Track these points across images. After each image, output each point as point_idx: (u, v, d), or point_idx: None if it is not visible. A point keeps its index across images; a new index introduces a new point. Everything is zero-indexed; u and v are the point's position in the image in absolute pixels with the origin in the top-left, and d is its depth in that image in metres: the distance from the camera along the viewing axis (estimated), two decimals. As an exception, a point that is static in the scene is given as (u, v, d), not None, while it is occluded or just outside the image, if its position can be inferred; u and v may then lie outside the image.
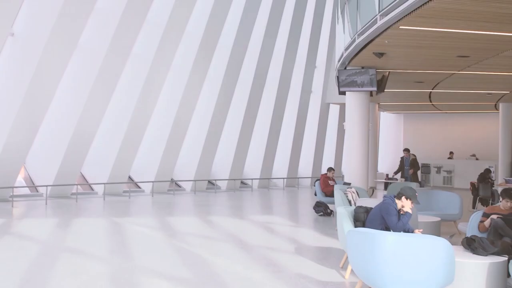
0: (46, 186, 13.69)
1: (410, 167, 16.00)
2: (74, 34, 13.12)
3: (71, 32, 12.98)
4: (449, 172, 22.16)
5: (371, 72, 11.81)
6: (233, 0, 17.14)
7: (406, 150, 16.30)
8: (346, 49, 11.38)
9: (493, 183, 14.29)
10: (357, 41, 9.91)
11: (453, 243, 5.30)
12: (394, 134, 26.90)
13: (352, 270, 6.15)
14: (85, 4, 13.02)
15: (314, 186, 13.87)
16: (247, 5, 17.63)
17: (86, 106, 13.86)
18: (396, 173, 16.26)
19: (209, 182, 18.81)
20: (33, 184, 14.60)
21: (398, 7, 7.33)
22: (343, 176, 19.73)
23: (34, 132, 13.36)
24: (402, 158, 16.26)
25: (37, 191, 14.52)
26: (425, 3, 6.69)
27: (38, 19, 12.89)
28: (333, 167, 14.91)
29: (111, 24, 13.81)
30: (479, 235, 6.24)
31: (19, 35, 12.93)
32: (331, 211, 12.23)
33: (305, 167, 22.30)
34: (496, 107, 19.84)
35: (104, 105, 14.51)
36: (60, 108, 14.13)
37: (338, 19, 14.21)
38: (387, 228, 6.00)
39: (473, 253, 5.55)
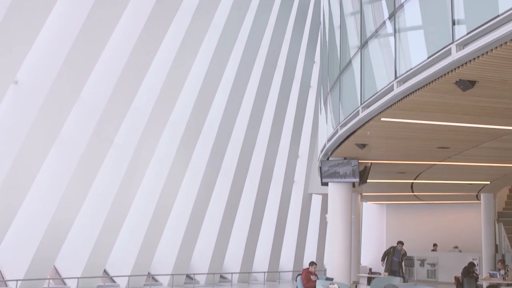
0: (16, 280, 13.05)
1: (400, 261, 15.74)
2: (55, 127, 13.09)
3: (51, 124, 12.94)
4: (433, 265, 21.78)
5: (354, 163, 11.80)
6: (218, 88, 17.40)
7: (400, 243, 16.06)
8: (329, 139, 11.42)
9: (477, 278, 13.99)
10: (340, 132, 9.95)
11: None
12: (377, 225, 26.62)
13: None
14: (68, 98, 13.08)
15: (296, 281, 13.41)
16: (231, 94, 17.90)
17: (65, 194, 13.53)
18: (383, 259, 15.92)
19: (188, 276, 18.17)
20: (3, 278, 13.92)
21: (380, 99, 7.40)
22: (325, 270, 19.23)
23: (9, 220, 12.91)
24: (393, 248, 15.95)
25: (6, 286, 13.81)
26: (406, 96, 6.76)
27: (18, 116, 12.86)
28: (315, 261, 14.53)
29: (95, 112, 13.80)
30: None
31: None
32: (314, 307, 11.73)
33: (287, 260, 21.78)
34: (477, 197, 19.86)
35: (84, 194, 14.20)
36: (38, 196, 13.77)
37: (321, 109, 14.40)
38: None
39: None
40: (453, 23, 5.59)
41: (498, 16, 4.75)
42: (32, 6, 11.74)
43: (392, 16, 7.42)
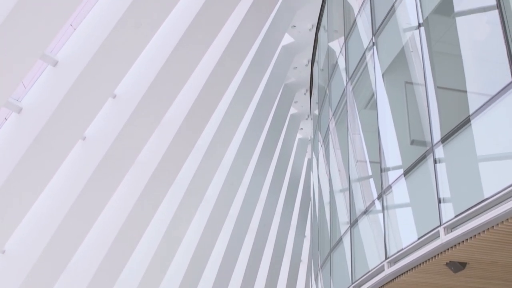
0: None
1: None
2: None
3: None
4: None
5: None
6: (208, 260, 17.19)
7: None
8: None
9: None
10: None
11: None
12: None
13: None
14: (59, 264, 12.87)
15: None
16: (221, 267, 17.67)
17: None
18: None
19: None
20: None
21: (371, 279, 7.30)
22: None
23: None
24: None
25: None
26: (397, 276, 6.69)
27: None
28: None
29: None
30: None
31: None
32: None
33: None
34: None
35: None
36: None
37: (311, 286, 14.09)
38: None
39: None
40: (440, 201, 5.74)
41: (484, 200, 4.89)
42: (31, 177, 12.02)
43: (380, 196, 7.62)
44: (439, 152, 5.93)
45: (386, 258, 6.83)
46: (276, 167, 20.45)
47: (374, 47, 8.44)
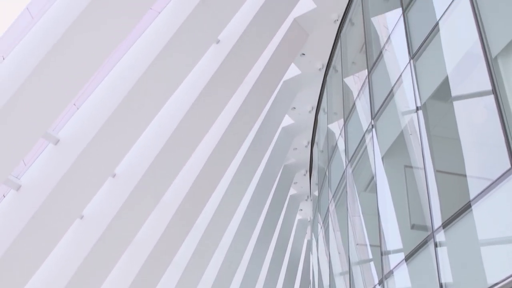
0: None
1: None
2: None
3: None
4: None
5: None
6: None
7: None
8: None
9: None
10: None
11: None
12: None
13: None
14: None
15: None
16: None
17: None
18: None
19: None
20: None
21: None
22: None
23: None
24: None
25: None
26: None
27: None
28: None
29: None
30: None
31: None
32: None
33: None
34: None
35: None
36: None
37: None
38: None
39: None
40: (441, 287, 5.60)
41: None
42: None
43: (381, 281, 7.45)
44: (440, 237, 5.85)
45: None
46: (276, 248, 20.14)
47: (373, 130, 8.54)
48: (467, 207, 5.33)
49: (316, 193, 14.50)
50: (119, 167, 12.47)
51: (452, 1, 6.38)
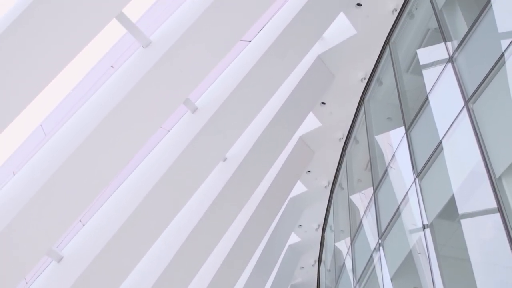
0: None
1: None
2: None
3: None
4: None
5: None
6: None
7: None
8: None
9: None
10: None
11: None
12: None
13: None
14: None
15: None
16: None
17: None
18: None
19: None
20: None
21: None
22: None
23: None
24: None
25: None
26: None
27: None
28: None
29: None
30: None
31: None
32: None
33: None
34: None
35: None
36: None
37: None
38: None
39: None
40: None
41: None
42: None
43: None
44: None
45: None
46: None
47: (381, 249, 8.40)
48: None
49: (324, 314, 13.97)
50: (123, 285, 12.21)
51: (454, 121, 6.52)
